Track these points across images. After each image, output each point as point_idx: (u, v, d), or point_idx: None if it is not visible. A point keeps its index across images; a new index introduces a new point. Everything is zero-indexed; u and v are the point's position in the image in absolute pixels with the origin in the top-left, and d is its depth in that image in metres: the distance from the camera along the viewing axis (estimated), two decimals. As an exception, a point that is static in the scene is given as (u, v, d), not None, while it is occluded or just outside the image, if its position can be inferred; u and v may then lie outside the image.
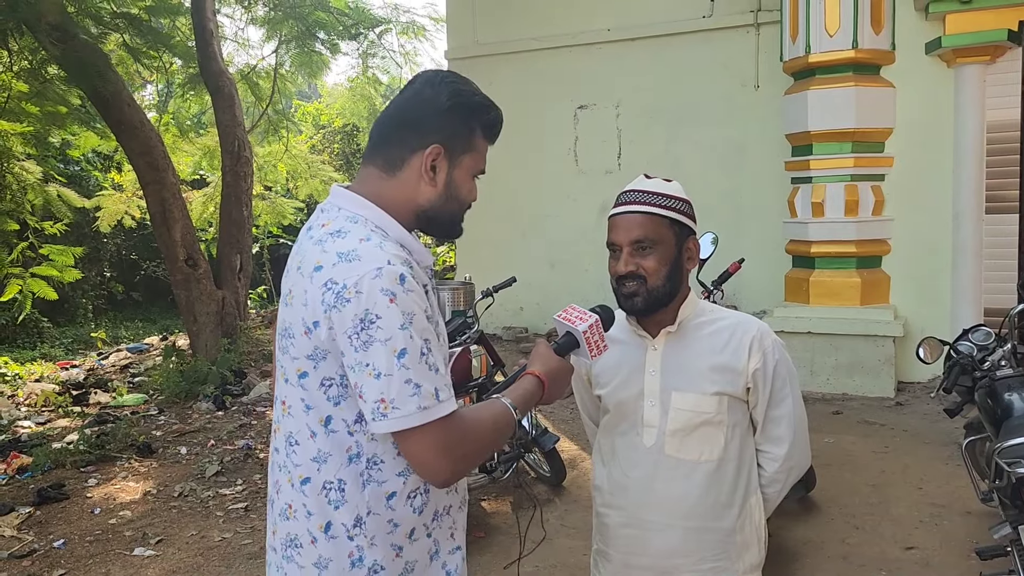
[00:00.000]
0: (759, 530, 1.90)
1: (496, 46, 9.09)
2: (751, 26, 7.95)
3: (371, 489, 1.45)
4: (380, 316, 1.32)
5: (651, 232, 1.77)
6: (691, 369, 1.82)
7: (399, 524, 1.48)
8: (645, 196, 1.80)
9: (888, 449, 5.43)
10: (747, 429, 1.87)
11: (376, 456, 1.45)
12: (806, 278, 7.11)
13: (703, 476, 1.81)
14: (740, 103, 8.04)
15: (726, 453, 1.82)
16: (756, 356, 1.81)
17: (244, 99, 11.46)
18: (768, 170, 7.76)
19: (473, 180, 1.58)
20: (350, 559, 1.46)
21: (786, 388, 1.85)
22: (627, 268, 1.77)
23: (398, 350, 1.32)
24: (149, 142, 8.07)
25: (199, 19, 9.20)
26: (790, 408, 1.86)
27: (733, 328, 1.84)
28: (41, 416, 7.37)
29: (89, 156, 14.03)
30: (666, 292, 1.79)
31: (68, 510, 4.92)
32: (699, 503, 1.81)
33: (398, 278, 1.35)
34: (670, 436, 1.81)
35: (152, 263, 15.01)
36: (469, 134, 1.54)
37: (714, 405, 1.80)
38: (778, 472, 1.88)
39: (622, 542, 1.89)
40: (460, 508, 1.62)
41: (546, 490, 4.94)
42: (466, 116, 1.53)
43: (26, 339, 12.21)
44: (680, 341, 1.85)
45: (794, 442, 1.86)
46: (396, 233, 1.48)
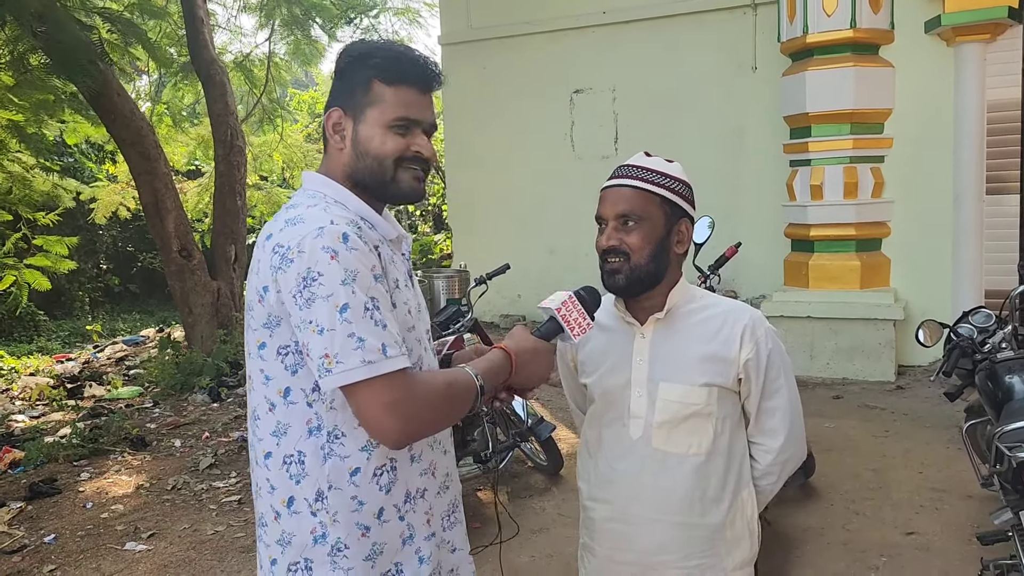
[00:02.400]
0: (751, 524, 1.83)
1: (490, 31, 8.98)
2: (748, 6, 7.84)
3: (332, 463, 1.42)
4: (321, 273, 1.32)
5: (637, 207, 1.70)
6: (680, 359, 1.75)
7: (364, 502, 1.44)
8: (638, 171, 1.74)
9: (888, 433, 5.38)
10: (738, 421, 1.80)
11: (337, 428, 1.42)
12: (805, 262, 7.04)
13: (691, 470, 1.74)
14: (738, 85, 7.94)
15: (715, 446, 1.75)
16: (748, 346, 1.73)
17: (238, 88, 11.36)
18: (766, 153, 7.67)
19: (392, 131, 1.49)
20: (312, 535, 1.43)
21: (780, 379, 1.78)
22: (609, 242, 1.71)
23: (340, 305, 1.31)
24: (140, 132, 8.00)
25: (189, 7, 9.09)
26: (784, 399, 1.79)
27: (724, 316, 1.77)
28: (35, 410, 7.32)
29: (83, 147, 13.93)
30: (649, 272, 1.72)
31: (60, 505, 4.88)
32: (687, 498, 1.74)
33: (340, 236, 1.35)
34: (657, 428, 1.74)
35: (149, 255, 14.93)
36: (365, 86, 1.49)
37: (703, 396, 1.72)
38: (772, 465, 1.82)
39: (607, 537, 1.83)
40: (439, 494, 1.57)
41: (543, 479, 4.89)
42: (356, 70, 1.50)
43: (22, 332, 12.16)
44: (669, 329, 1.77)
45: (789, 434, 1.80)
46: (355, 206, 1.49)
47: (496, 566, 3.60)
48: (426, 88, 1.52)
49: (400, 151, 1.49)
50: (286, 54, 11.75)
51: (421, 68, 1.51)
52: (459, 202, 9.58)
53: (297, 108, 16.37)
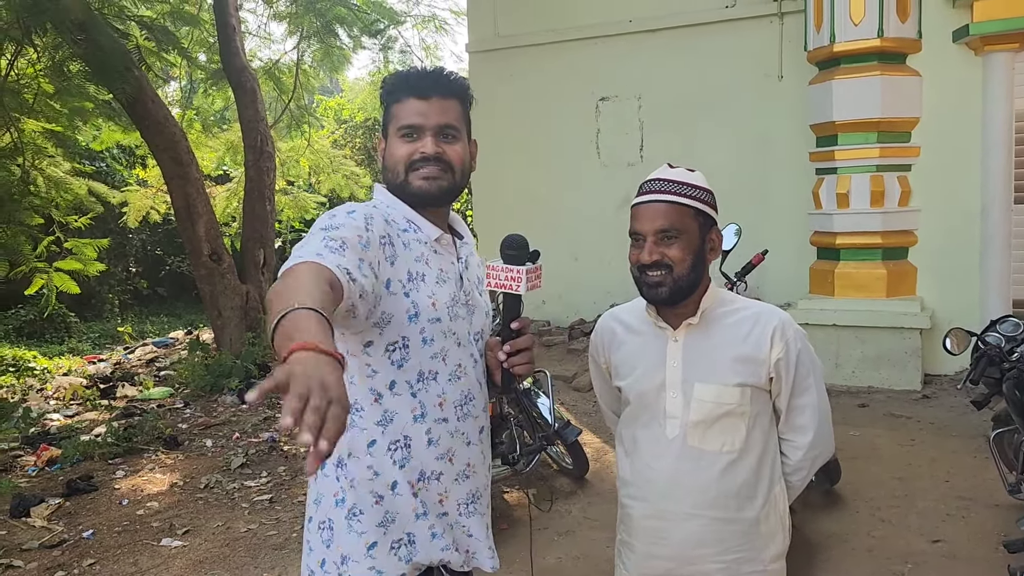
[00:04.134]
0: (784, 519, 1.89)
1: (517, 39, 9.06)
2: (775, 15, 7.87)
3: (352, 434, 1.58)
4: (316, 224, 1.50)
5: (676, 221, 1.75)
6: (713, 360, 1.81)
7: (379, 473, 1.59)
8: (669, 185, 1.79)
9: (914, 442, 5.37)
10: (770, 419, 1.87)
11: (357, 402, 1.57)
12: (831, 270, 7.04)
13: (726, 466, 1.81)
14: (764, 94, 7.96)
15: (748, 443, 1.82)
16: (779, 345, 1.80)
17: (266, 94, 11.54)
18: (792, 161, 7.68)
19: (403, 140, 1.64)
20: (335, 498, 1.61)
21: (809, 377, 1.84)
22: (652, 257, 1.75)
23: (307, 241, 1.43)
24: (173, 138, 8.16)
25: (222, 15, 9.26)
26: (814, 397, 1.85)
27: (755, 318, 1.83)
28: (70, 409, 7.48)
29: (114, 152, 14.18)
30: (691, 282, 1.78)
31: (97, 501, 4.99)
32: (722, 493, 1.81)
33: (349, 210, 1.53)
34: (692, 427, 1.81)
35: (177, 258, 15.15)
36: (387, 111, 1.68)
37: (737, 396, 1.79)
38: (802, 460, 1.88)
39: (646, 533, 1.89)
40: (457, 481, 1.67)
41: (569, 483, 4.94)
42: (383, 99, 1.70)
43: (54, 334, 12.39)
44: (701, 332, 1.84)
45: (818, 430, 1.86)
46: (402, 210, 1.66)
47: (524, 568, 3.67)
48: (424, 94, 1.62)
49: (408, 156, 1.62)
50: (313, 61, 11.92)
51: (418, 78, 1.64)
52: (484, 208, 9.66)
53: (324, 114, 16.56)
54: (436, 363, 1.61)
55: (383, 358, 1.56)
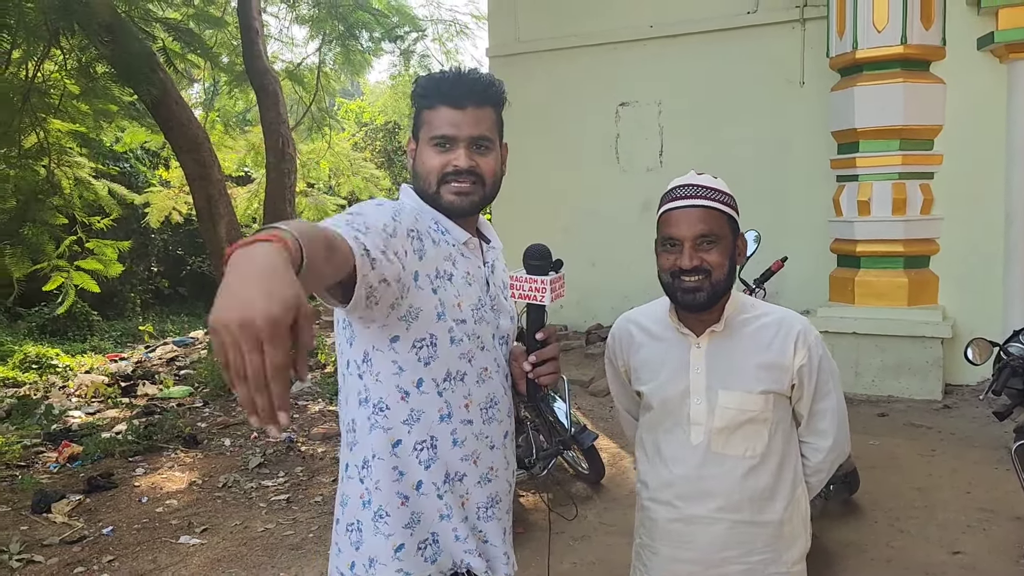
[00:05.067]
0: (806, 520, 1.92)
1: (537, 43, 9.07)
2: (797, 21, 7.83)
3: (377, 434, 1.57)
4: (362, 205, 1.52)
5: (714, 226, 1.76)
6: (737, 367, 1.83)
7: (404, 473, 1.58)
8: (704, 191, 1.79)
9: (935, 452, 5.32)
10: (790, 423, 1.90)
11: (382, 401, 1.56)
12: (851, 277, 6.99)
13: (748, 470, 1.83)
14: (785, 100, 7.92)
15: (770, 448, 1.84)
16: (801, 352, 1.82)
17: (288, 97, 11.62)
18: (813, 168, 7.64)
19: (435, 149, 1.63)
20: (361, 499, 1.60)
21: (829, 382, 1.88)
22: (693, 262, 1.75)
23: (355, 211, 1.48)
24: (196, 139, 8.23)
25: (245, 18, 9.34)
26: (833, 401, 1.89)
27: (777, 325, 1.85)
28: (91, 407, 7.56)
29: (138, 153, 14.33)
30: (725, 287, 1.80)
31: (116, 498, 5.05)
32: (746, 497, 1.83)
33: (377, 203, 1.54)
34: (716, 433, 1.83)
35: (198, 258, 15.29)
36: (418, 115, 1.67)
37: (760, 403, 1.81)
38: (822, 462, 1.93)
39: (670, 537, 1.91)
40: (479, 484, 1.65)
41: (584, 488, 4.93)
42: (415, 102, 1.69)
43: (76, 332, 12.52)
44: (724, 339, 1.85)
45: (838, 434, 1.91)
46: (432, 213, 1.65)
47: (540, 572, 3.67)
48: (458, 103, 1.59)
49: (441, 168, 1.61)
50: (335, 65, 11.99)
51: (451, 85, 1.60)
52: (503, 212, 9.67)
53: (344, 117, 16.66)
54: (463, 363, 1.61)
55: (410, 354, 1.55)
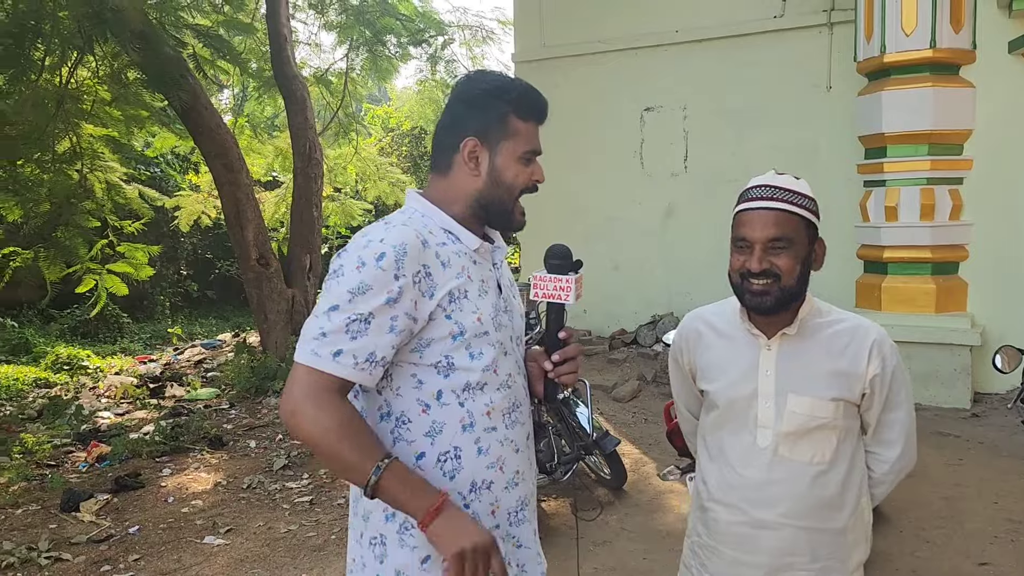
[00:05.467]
0: (868, 528, 1.91)
1: (563, 48, 9.09)
2: (824, 25, 7.78)
3: (400, 447, 1.55)
4: (343, 275, 1.48)
5: (788, 230, 1.73)
6: (808, 372, 1.80)
7: None
8: (781, 193, 1.75)
9: (962, 461, 5.24)
10: (858, 432, 1.87)
11: (404, 414, 1.56)
12: (878, 284, 6.91)
13: (815, 477, 1.81)
14: (811, 104, 7.86)
15: (837, 455, 1.82)
16: (876, 361, 1.79)
17: (316, 102, 11.74)
18: (839, 173, 7.57)
19: (521, 163, 1.63)
20: (384, 513, 1.58)
21: (902, 393, 1.84)
22: (761, 266, 1.73)
23: (333, 304, 1.46)
24: (225, 144, 8.34)
25: (274, 25, 9.47)
26: (904, 412, 1.86)
27: (852, 332, 1.82)
28: (120, 407, 7.68)
29: (168, 158, 14.54)
30: (796, 293, 1.76)
31: (143, 498, 5.12)
32: (813, 503, 1.81)
33: (378, 254, 1.47)
34: (784, 438, 1.81)
35: (226, 262, 15.47)
36: (501, 119, 1.61)
37: (831, 410, 1.79)
38: (887, 474, 1.90)
39: (735, 539, 1.89)
40: (507, 489, 1.64)
41: (606, 493, 4.92)
42: (493, 103, 1.61)
43: (107, 333, 12.73)
44: (796, 343, 1.82)
45: (906, 445, 1.87)
46: (438, 219, 1.62)
47: (560, 575, 3.67)
48: (544, 121, 1.68)
49: (527, 181, 1.65)
50: (362, 70, 12.10)
51: (544, 105, 1.66)
52: (528, 217, 9.69)
53: (371, 122, 16.77)
54: (488, 375, 1.59)
55: (429, 368, 1.55)
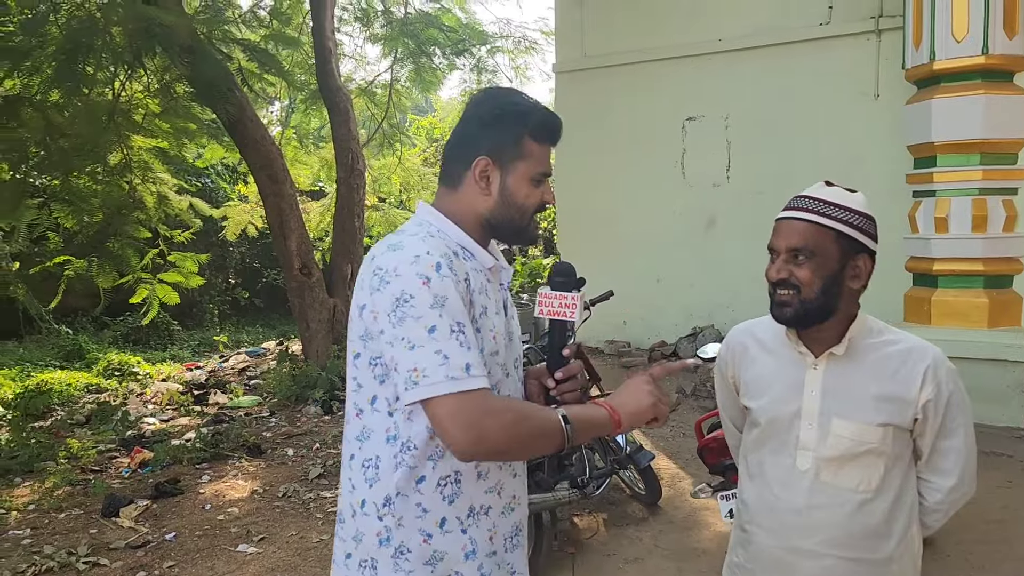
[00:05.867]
0: (917, 560, 1.82)
1: (604, 58, 9.05)
2: (872, 32, 7.61)
3: (402, 472, 1.52)
4: (413, 296, 1.43)
5: (810, 241, 1.69)
6: (856, 395, 1.73)
7: (428, 510, 1.53)
8: (814, 203, 1.72)
9: (1011, 483, 5.04)
10: (910, 459, 1.79)
11: (411, 440, 1.52)
12: (927, 297, 6.70)
13: (859, 505, 1.73)
14: (858, 113, 7.69)
15: (885, 483, 1.74)
16: (929, 387, 1.71)
17: (361, 113, 11.90)
18: (887, 183, 7.37)
19: (533, 184, 1.62)
20: (378, 537, 1.54)
21: (959, 419, 1.75)
22: (779, 275, 1.71)
23: (429, 326, 1.42)
24: (269, 156, 8.49)
25: (319, 39, 9.62)
26: (961, 440, 1.76)
27: (905, 354, 1.74)
28: (165, 414, 7.83)
29: (219, 169, 14.87)
30: (819, 306, 1.70)
31: (181, 505, 5.20)
32: (855, 533, 1.73)
33: (434, 265, 1.46)
34: (827, 462, 1.74)
35: (273, 271, 15.71)
36: (516, 141, 1.59)
37: (878, 436, 1.71)
38: (941, 503, 1.80)
39: (772, 564, 1.83)
40: (503, 514, 1.62)
41: (640, 508, 4.84)
42: (509, 124, 1.59)
43: (157, 340, 13.01)
44: (845, 363, 1.75)
45: (962, 475, 1.77)
46: (455, 236, 1.60)
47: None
48: (557, 144, 1.67)
49: (538, 202, 1.63)
50: (407, 81, 12.22)
51: (559, 128, 1.65)
52: (568, 227, 9.65)
53: (416, 133, 16.92)
54: None
55: None
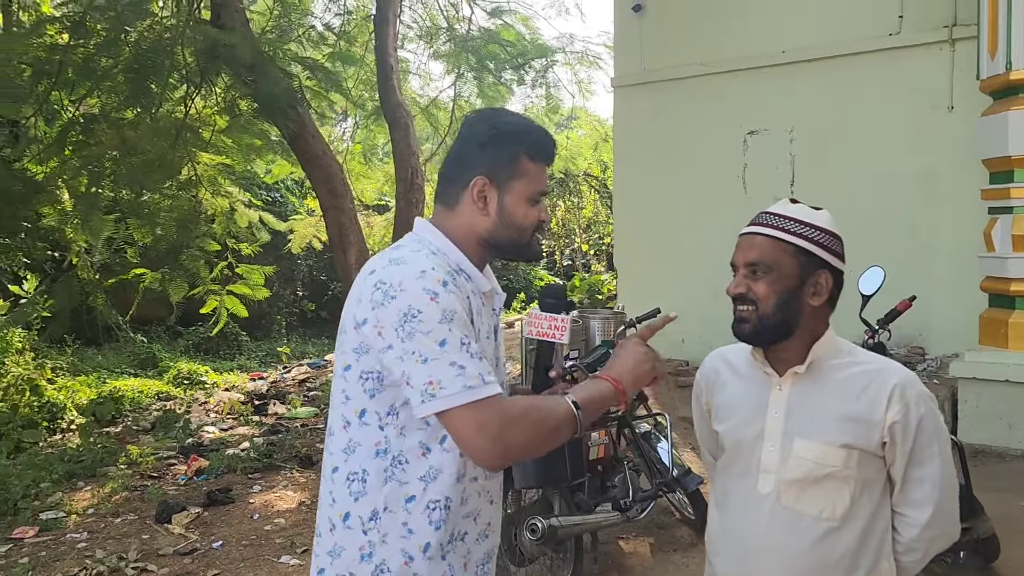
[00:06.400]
0: None
1: (663, 72, 8.94)
2: (944, 42, 7.31)
3: (391, 487, 1.50)
4: (421, 311, 1.43)
5: (768, 256, 1.67)
6: (819, 415, 1.67)
7: (414, 531, 1.51)
8: (774, 219, 1.70)
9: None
10: (883, 489, 1.69)
11: (402, 454, 1.51)
12: (1005, 319, 6.35)
13: (823, 534, 1.65)
14: (930, 126, 7.39)
15: (852, 512, 1.65)
16: (896, 407, 1.63)
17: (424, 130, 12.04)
18: (961, 199, 7.06)
19: (531, 203, 1.62)
20: (360, 552, 1.52)
21: (933, 446, 1.65)
22: (736, 290, 1.70)
23: (440, 340, 1.42)
24: (330, 170, 8.63)
25: (382, 56, 9.75)
26: (935, 469, 1.66)
27: (873, 375, 1.67)
28: (225, 423, 8.00)
29: (288, 184, 15.24)
30: (777, 322, 1.67)
31: (231, 513, 5.28)
32: (817, 564, 1.65)
33: (440, 280, 1.47)
34: (788, 485, 1.67)
35: (338, 284, 15.97)
36: (513, 160, 1.59)
37: (841, 458, 1.64)
38: (917, 540, 1.69)
39: None
40: (478, 541, 1.60)
41: (690, 533, 4.70)
42: (505, 144, 1.59)
43: (226, 351, 13.38)
44: (810, 383, 1.70)
45: (938, 508, 1.67)
46: (455, 257, 1.60)
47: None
48: (552, 163, 1.70)
49: (535, 221, 1.65)
50: (471, 97, 12.32)
51: (555, 147, 1.68)
52: (626, 242, 9.54)
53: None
54: None
55: None
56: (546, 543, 3.72)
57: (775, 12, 8.21)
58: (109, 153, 7.44)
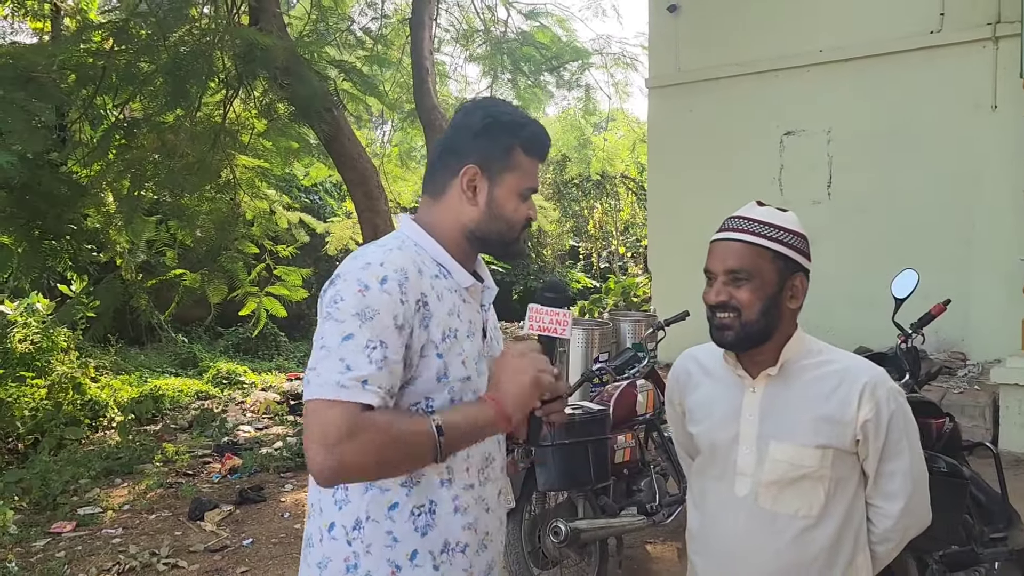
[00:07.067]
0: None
1: (698, 72, 8.86)
2: (988, 40, 7.14)
3: (372, 495, 1.46)
4: (344, 299, 1.39)
5: (748, 263, 1.66)
6: (792, 417, 1.68)
7: (399, 540, 1.46)
8: (749, 224, 1.69)
9: None
10: (857, 484, 1.71)
11: None
12: (1049, 324, 6.18)
13: (799, 533, 1.66)
14: (973, 126, 7.21)
15: (828, 509, 1.66)
16: (867, 405, 1.64)
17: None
18: (1004, 200, 6.89)
19: (520, 198, 1.58)
20: (346, 563, 1.47)
21: (903, 441, 1.68)
22: (718, 298, 1.68)
23: (346, 333, 1.37)
24: (365, 173, 8.70)
25: (417, 59, 9.82)
26: (906, 462, 1.68)
27: (842, 374, 1.68)
28: (261, 422, 8.11)
29: (327, 186, 15.41)
30: (760, 328, 1.66)
31: (262, 511, 5.35)
32: (794, 562, 1.66)
33: (380, 277, 1.41)
34: (765, 487, 1.68)
35: (376, 285, 16.14)
36: (506, 152, 1.55)
37: (816, 459, 1.65)
38: (891, 530, 1.72)
39: None
40: (478, 552, 1.55)
41: (718, 539, 4.64)
42: (500, 135, 1.54)
43: (265, 351, 13.55)
44: (782, 385, 1.70)
45: (910, 498, 1.69)
46: (433, 251, 1.55)
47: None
48: (544, 160, 1.65)
49: (525, 218, 1.60)
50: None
51: (549, 144, 1.63)
52: (659, 244, 9.46)
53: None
54: None
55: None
56: (570, 546, 3.70)
57: (812, 11, 8.09)
58: (150, 156, 7.60)
